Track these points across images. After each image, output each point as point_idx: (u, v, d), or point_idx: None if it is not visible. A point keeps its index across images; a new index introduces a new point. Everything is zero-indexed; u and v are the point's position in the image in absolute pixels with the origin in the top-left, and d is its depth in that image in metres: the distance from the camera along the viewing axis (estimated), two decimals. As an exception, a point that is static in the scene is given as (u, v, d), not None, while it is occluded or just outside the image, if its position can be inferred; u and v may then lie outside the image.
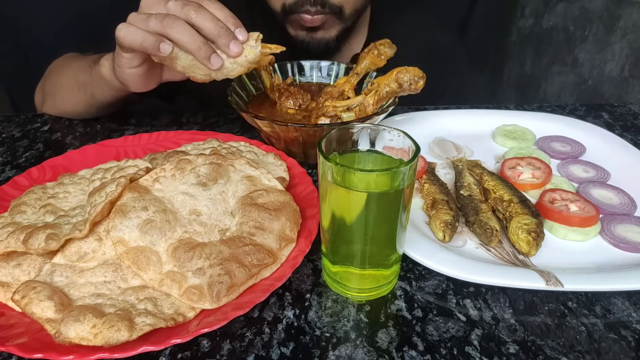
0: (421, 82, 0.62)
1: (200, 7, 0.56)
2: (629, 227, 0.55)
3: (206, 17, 0.56)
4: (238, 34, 0.58)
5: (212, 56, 0.57)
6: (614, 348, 0.42)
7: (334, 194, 0.41)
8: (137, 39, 0.56)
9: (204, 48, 0.56)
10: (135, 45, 0.56)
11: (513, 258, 0.51)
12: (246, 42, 0.59)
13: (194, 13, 0.56)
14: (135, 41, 0.56)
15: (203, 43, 0.56)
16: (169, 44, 0.56)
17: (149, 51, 0.57)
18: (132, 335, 0.38)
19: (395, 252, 0.45)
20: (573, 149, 0.71)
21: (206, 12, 0.56)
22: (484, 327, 0.44)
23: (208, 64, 0.57)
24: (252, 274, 0.44)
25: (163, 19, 0.55)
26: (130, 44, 0.56)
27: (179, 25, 0.55)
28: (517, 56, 1.76)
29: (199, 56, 0.57)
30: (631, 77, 1.20)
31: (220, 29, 0.56)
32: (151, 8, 0.57)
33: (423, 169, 0.64)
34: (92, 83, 0.72)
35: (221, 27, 0.56)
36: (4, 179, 0.66)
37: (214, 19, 0.56)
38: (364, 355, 0.41)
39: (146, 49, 0.57)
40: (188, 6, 0.56)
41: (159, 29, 0.56)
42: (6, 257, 0.46)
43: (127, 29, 0.56)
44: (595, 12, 1.34)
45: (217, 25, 0.56)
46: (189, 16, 0.56)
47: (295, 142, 0.65)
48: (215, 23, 0.56)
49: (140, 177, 0.51)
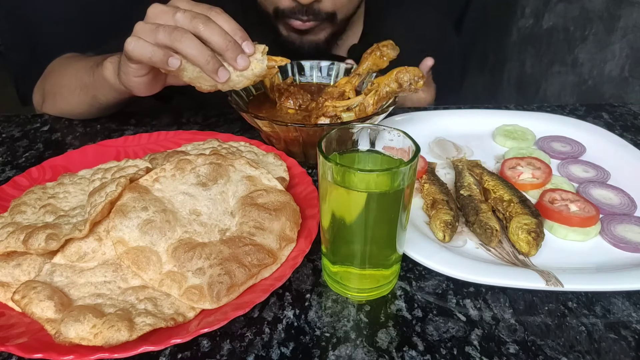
0: (421, 82, 0.62)
1: (208, 20, 0.56)
2: (629, 227, 0.55)
3: (214, 30, 0.56)
4: (245, 47, 0.58)
5: (220, 70, 0.57)
6: (614, 348, 0.42)
7: (334, 194, 0.41)
8: (146, 54, 0.56)
9: (212, 62, 0.56)
10: (144, 59, 0.57)
11: (513, 258, 0.51)
12: (253, 55, 0.59)
13: (202, 26, 0.55)
14: (144, 55, 0.56)
15: (211, 57, 0.56)
16: (178, 59, 0.56)
17: (157, 65, 0.57)
18: (132, 335, 0.38)
19: (395, 252, 0.45)
20: (573, 149, 0.71)
21: (214, 25, 0.56)
22: (484, 327, 0.44)
23: (215, 77, 0.57)
24: (252, 274, 0.44)
25: (171, 32, 0.55)
26: (139, 58, 0.57)
27: (187, 39, 0.55)
28: (517, 56, 1.76)
29: (207, 70, 0.57)
30: (631, 77, 1.20)
31: (229, 43, 0.56)
32: (158, 18, 0.57)
33: (423, 169, 0.64)
34: (95, 85, 0.72)
35: (229, 41, 0.56)
36: (4, 179, 0.66)
37: (222, 33, 0.56)
38: (364, 355, 0.41)
39: (155, 63, 0.57)
40: (196, 19, 0.56)
41: (167, 42, 0.55)
42: (6, 257, 0.46)
43: (136, 43, 0.56)
44: (595, 12, 1.34)
45: (225, 39, 0.56)
46: (197, 29, 0.56)
47: (295, 142, 0.65)
48: (224, 37, 0.56)
49: (140, 177, 0.51)
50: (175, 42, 0.55)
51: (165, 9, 0.57)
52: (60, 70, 0.82)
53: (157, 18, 0.57)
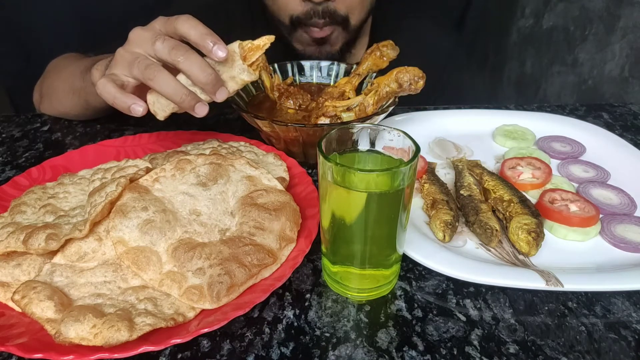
0: (421, 82, 0.62)
1: (188, 51, 0.53)
2: (629, 227, 0.55)
3: (194, 62, 0.53)
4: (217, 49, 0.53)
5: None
6: (614, 348, 0.42)
7: (334, 194, 0.41)
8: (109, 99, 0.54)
9: (188, 99, 0.54)
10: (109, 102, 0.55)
11: (513, 258, 0.51)
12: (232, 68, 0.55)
13: (181, 58, 0.52)
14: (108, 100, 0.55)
15: (186, 95, 0.53)
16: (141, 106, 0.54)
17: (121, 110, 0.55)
18: (132, 335, 0.38)
19: (395, 252, 0.45)
20: (573, 149, 0.71)
21: (194, 56, 0.53)
22: (484, 327, 0.44)
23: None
24: (252, 274, 0.44)
25: (145, 69, 0.53)
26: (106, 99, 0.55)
27: (161, 77, 0.53)
28: (517, 56, 1.76)
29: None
30: (631, 77, 1.20)
31: (208, 76, 0.53)
32: (138, 45, 0.55)
33: (423, 169, 0.64)
34: (86, 90, 0.71)
35: (209, 74, 0.53)
36: (4, 179, 0.66)
37: (202, 65, 0.53)
38: (364, 355, 0.41)
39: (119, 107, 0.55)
40: (175, 50, 0.53)
41: (140, 78, 0.54)
42: (6, 257, 0.46)
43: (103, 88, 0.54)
44: (595, 12, 1.34)
45: (205, 72, 0.53)
46: (176, 61, 0.53)
47: (295, 142, 0.65)
48: (203, 70, 0.53)
49: (140, 177, 0.51)
50: (148, 81, 0.53)
51: (146, 37, 0.55)
52: (56, 72, 0.82)
53: (137, 45, 0.55)
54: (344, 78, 0.74)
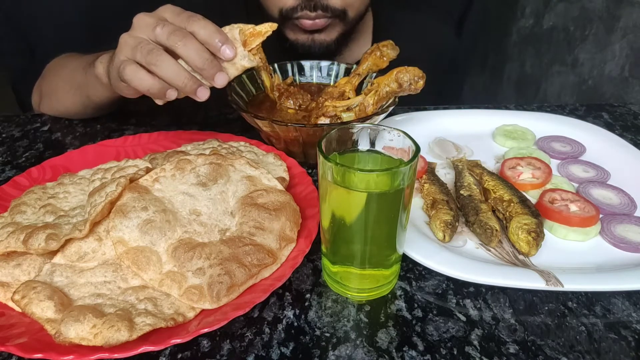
0: (421, 82, 0.62)
1: (186, 36, 0.54)
2: (629, 227, 0.55)
3: (191, 47, 0.54)
4: (225, 49, 0.55)
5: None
6: (614, 348, 0.42)
7: (334, 194, 0.41)
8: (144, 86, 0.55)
9: (189, 84, 0.54)
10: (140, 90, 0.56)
11: (513, 258, 0.51)
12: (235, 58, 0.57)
13: (179, 43, 0.53)
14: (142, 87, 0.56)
15: (188, 79, 0.54)
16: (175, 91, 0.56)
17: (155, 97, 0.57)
18: (132, 335, 0.38)
19: (395, 252, 0.45)
20: (573, 149, 0.71)
21: (192, 42, 0.54)
22: (484, 327, 0.44)
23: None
24: (252, 274, 0.44)
25: (147, 54, 0.54)
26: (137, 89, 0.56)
27: (163, 62, 0.54)
28: (517, 56, 1.76)
29: (185, 92, 0.55)
30: (631, 77, 1.20)
31: (205, 61, 0.54)
32: (141, 30, 0.56)
33: (423, 169, 0.64)
34: (88, 84, 0.71)
35: (206, 59, 0.54)
36: (4, 179, 0.65)
37: (199, 50, 0.54)
38: (364, 355, 0.41)
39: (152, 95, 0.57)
40: (174, 35, 0.54)
41: (144, 63, 0.54)
42: (6, 257, 0.46)
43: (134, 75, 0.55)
44: (595, 12, 1.34)
45: (202, 57, 0.54)
46: (174, 46, 0.54)
47: (295, 142, 0.65)
48: (200, 54, 0.54)
49: (140, 177, 0.51)
50: (150, 65, 0.54)
51: (148, 22, 0.55)
52: (56, 71, 0.82)
53: (140, 30, 0.56)
54: (344, 78, 0.74)
